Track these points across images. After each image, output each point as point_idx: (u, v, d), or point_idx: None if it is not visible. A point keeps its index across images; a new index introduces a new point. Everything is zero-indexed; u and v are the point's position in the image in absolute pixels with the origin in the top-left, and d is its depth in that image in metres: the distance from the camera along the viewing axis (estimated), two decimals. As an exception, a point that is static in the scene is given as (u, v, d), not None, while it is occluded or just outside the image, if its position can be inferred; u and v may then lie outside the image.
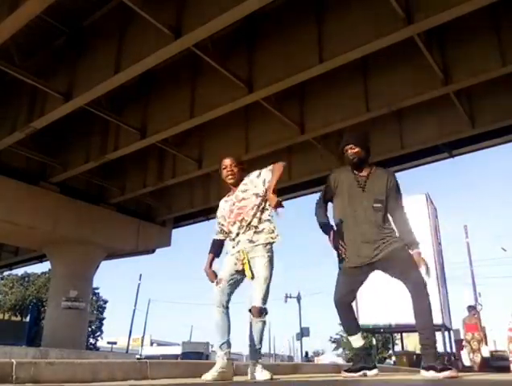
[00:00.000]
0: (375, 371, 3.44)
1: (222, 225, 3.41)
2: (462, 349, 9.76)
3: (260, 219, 3.21)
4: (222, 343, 3.06)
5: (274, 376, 3.16)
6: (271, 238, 3.18)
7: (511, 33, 7.60)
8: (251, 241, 3.16)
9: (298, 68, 8.10)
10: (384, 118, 10.13)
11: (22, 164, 12.47)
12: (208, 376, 2.91)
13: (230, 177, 3.36)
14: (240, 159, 3.51)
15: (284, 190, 13.68)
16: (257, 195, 3.25)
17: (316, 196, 3.66)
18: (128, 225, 15.27)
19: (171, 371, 3.30)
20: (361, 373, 3.40)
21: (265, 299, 3.12)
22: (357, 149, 3.34)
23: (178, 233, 17.75)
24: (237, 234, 3.24)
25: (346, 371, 3.52)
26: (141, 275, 35.71)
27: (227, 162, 3.39)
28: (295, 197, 14.50)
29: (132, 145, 10.85)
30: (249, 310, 3.13)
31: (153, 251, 17.46)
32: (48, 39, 9.15)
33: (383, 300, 11.31)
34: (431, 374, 2.98)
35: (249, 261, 3.13)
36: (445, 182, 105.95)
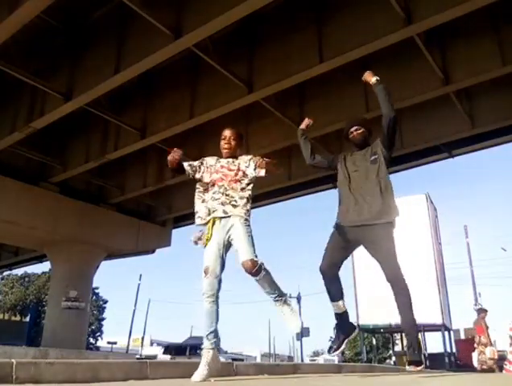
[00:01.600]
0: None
1: (201, 167, 3.33)
2: (474, 350, 9.92)
3: (240, 196, 3.15)
4: (209, 333, 3.00)
5: (275, 376, 3.10)
6: (246, 210, 3.11)
7: (511, 33, 7.60)
8: (225, 212, 3.09)
9: (298, 68, 8.10)
10: (384, 118, 10.11)
11: (22, 164, 12.46)
12: (197, 377, 2.87)
13: (226, 150, 3.32)
14: (240, 133, 3.43)
15: (284, 190, 13.65)
16: (244, 172, 3.20)
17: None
18: (128, 225, 15.26)
19: (171, 371, 3.29)
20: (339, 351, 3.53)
21: (255, 252, 2.97)
22: (362, 130, 3.73)
23: (178, 233, 17.74)
24: (212, 198, 3.16)
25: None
26: (141, 275, 35.73)
27: (227, 133, 3.35)
28: (294, 197, 14.48)
29: (132, 145, 10.84)
30: (246, 271, 2.94)
31: (153, 251, 17.44)
32: (48, 39, 9.12)
33: (383, 300, 11.31)
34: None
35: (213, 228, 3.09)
36: (445, 182, 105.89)
